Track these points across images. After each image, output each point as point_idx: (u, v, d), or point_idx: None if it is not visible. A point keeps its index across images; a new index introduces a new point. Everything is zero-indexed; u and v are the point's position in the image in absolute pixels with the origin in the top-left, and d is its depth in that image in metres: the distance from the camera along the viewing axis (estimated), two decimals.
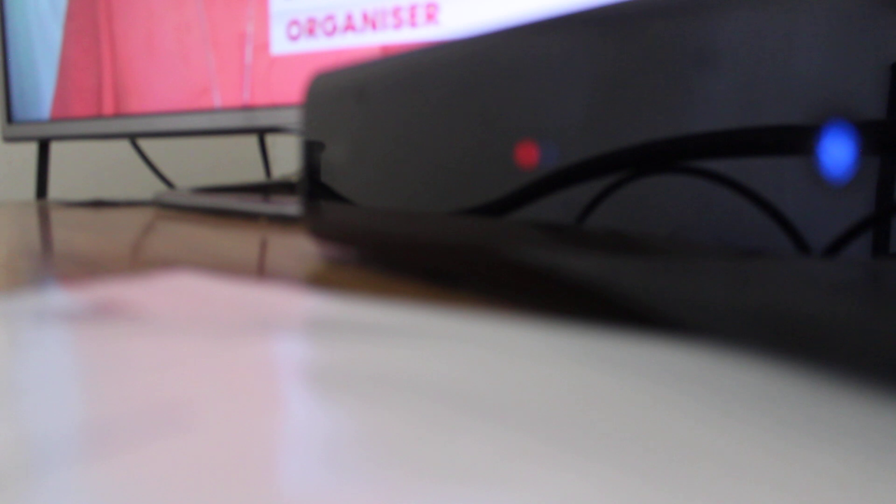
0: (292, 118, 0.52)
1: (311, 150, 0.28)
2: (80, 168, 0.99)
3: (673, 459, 0.08)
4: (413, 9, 0.45)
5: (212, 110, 0.59)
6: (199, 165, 1.02)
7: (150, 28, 0.64)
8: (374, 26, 0.47)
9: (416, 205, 0.21)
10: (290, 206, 0.46)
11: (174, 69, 0.62)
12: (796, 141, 0.12)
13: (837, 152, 0.11)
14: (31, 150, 0.97)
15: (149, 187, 0.95)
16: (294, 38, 0.52)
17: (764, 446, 0.09)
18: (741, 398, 0.11)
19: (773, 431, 0.09)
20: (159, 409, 0.10)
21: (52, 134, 0.76)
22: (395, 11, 0.46)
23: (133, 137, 0.68)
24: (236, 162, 1.03)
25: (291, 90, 0.53)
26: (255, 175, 1.01)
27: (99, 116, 0.70)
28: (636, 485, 0.08)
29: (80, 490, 0.07)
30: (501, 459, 0.08)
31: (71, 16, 0.71)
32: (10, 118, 0.81)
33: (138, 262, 0.28)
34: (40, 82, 0.76)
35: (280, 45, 0.53)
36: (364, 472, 0.08)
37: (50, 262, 0.28)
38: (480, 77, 0.19)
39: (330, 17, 0.49)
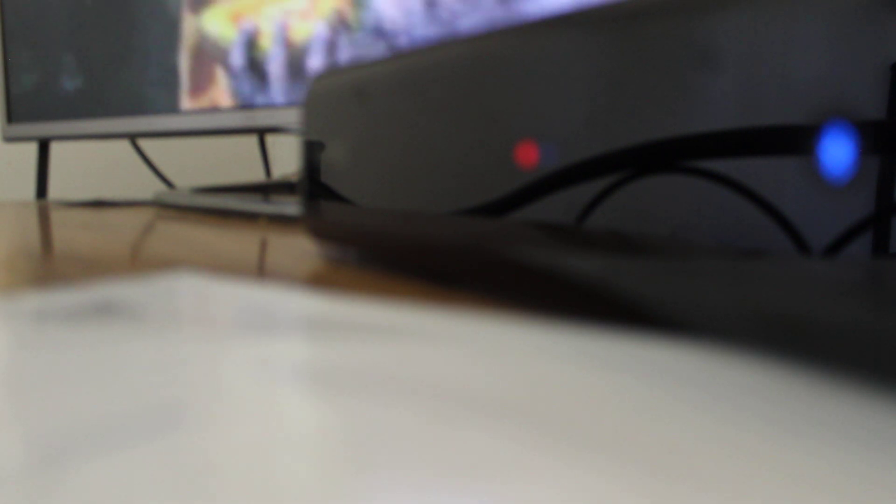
0: (292, 118, 0.52)
1: (311, 150, 0.28)
2: (80, 168, 0.99)
3: (672, 459, 0.08)
4: None
5: (212, 110, 0.59)
6: (199, 165, 1.02)
7: None
8: None
9: (416, 205, 0.21)
10: (290, 206, 0.46)
11: None
12: (796, 141, 0.12)
13: (837, 152, 0.11)
14: (31, 150, 0.97)
15: (149, 187, 0.95)
16: None
17: (764, 446, 0.09)
18: (741, 398, 0.11)
19: (772, 431, 0.09)
20: (159, 409, 0.10)
21: (52, 134, 0.76)
22: None
23: (133, 137, 0.68)
24: (236, 162, 1.04)
25: None
26: (255, 175, 1.01)
27: (99, 116, 0.70)
28: (636, 485, 0.08)
29: (80, 490, 0.07)
30: (501, 460, 0.08)
31: None
32: (10, 118, 0.81)
33: (138, 262, 0.28)
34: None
35: None
36: (363, 472, 0.08)
37: (50, 262, 0.28)
38: (480, 77, 0.19)
39: None
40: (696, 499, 0.07)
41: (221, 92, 0.56)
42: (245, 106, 0.56)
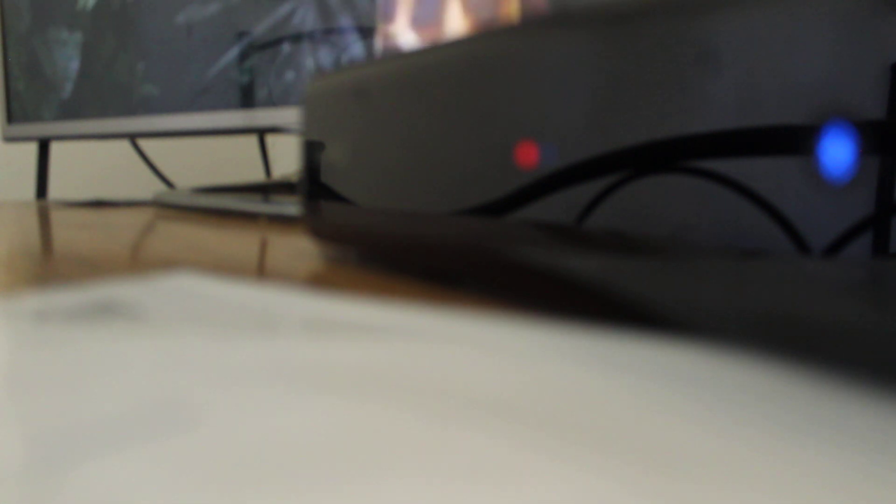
0: (292, 118, 0.52)
1: (311, 150, 0.28)
2: (80, 168, 0.99)
3: (672, 459, 0.08)
4: None
5: (212, 110, 0.59)
6: (199, 165, 1.02)
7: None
8: None
9: (416, 205, 0.21)
10: (290, 206, 0.46)
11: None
12: (796, 141, 0.12)
13: (837, 152, 0.11)
14: (31, 150, 0.97)
15: (149, 187, 0.95)
16: None
17: (764, 446, 0.09)
18: (741, 398, 0.11)
19: (772, 431, 0.09)
20: (159, 408, 0.10)
21: (52, 134, 0.76)
22: None
23: (133, 137, 0.68)
24: (236, 162, 1.04)
25: None
26: (255, 175, 1.01)
27: (98, 116, 0.70)
28: (636, 485, 0.08)
29: (81, 490, 0.07)
30: (501, 460, 0.08)
31: None
32: (10, 118, 0.81)
33: (138, 262, 0.28)
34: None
35: None
36: (363, 472, 0.08)
37: (50, 262, 0.28)
38: (480, 77, 0.19)
39: None
40: (699, 497, 0.07)
41: None
42: None
